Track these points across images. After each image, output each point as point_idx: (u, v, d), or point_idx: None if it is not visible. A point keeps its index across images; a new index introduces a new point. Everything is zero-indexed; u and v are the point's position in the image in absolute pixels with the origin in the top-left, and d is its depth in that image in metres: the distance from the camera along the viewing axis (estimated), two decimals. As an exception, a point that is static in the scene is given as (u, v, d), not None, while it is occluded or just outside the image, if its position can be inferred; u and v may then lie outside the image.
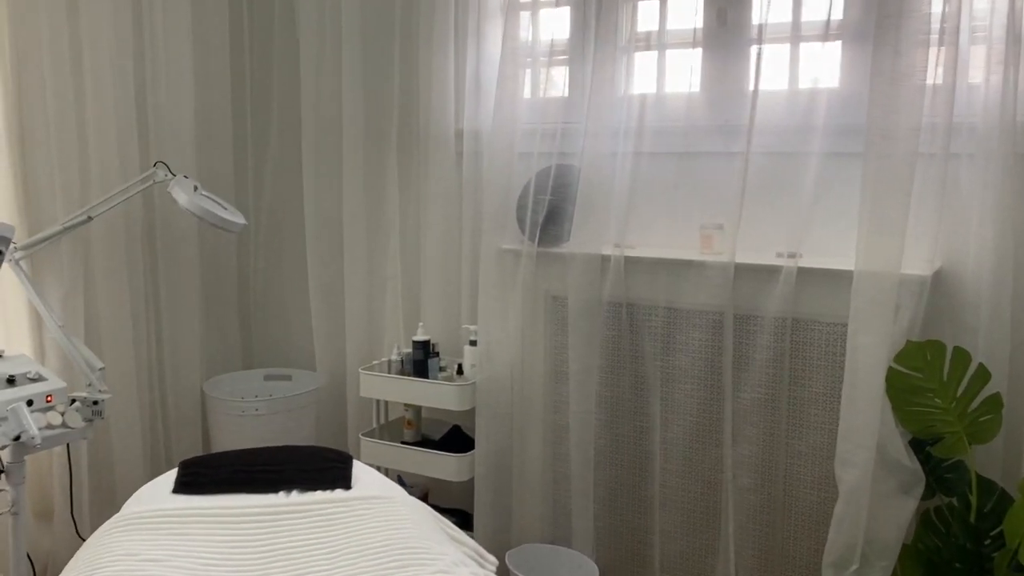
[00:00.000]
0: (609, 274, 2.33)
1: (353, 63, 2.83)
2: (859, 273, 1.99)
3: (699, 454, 2.28)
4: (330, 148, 2.95)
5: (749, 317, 2.18)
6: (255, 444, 2.84)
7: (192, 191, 2.43)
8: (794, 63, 2.23)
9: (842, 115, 2.18)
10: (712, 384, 2.25)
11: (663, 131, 2.38)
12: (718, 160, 2.36)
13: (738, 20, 2.36)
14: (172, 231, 2.86)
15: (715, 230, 2.31)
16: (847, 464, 2.00)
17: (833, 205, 2.21)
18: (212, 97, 3.00)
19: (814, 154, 2.16)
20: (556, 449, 2.49)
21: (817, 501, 2.15)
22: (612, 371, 2.38)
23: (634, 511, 2.40)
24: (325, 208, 2.99)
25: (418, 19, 2.71)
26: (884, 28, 1.97)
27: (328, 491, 1.76)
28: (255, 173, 3.19)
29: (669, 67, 2.37)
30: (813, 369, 2.13)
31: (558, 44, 2.53)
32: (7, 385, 2.13)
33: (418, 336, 2.68)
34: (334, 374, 3.05)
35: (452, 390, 2.52)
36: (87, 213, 2.39)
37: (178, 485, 1.76)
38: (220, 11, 2.99)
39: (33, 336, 2.48)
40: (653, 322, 2.31)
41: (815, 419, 2.14)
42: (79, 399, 2.26)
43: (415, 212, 2.85)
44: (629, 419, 2.38)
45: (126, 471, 2.73)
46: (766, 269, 2.15)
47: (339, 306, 3.00)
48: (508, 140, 2.50)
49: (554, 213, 2.42)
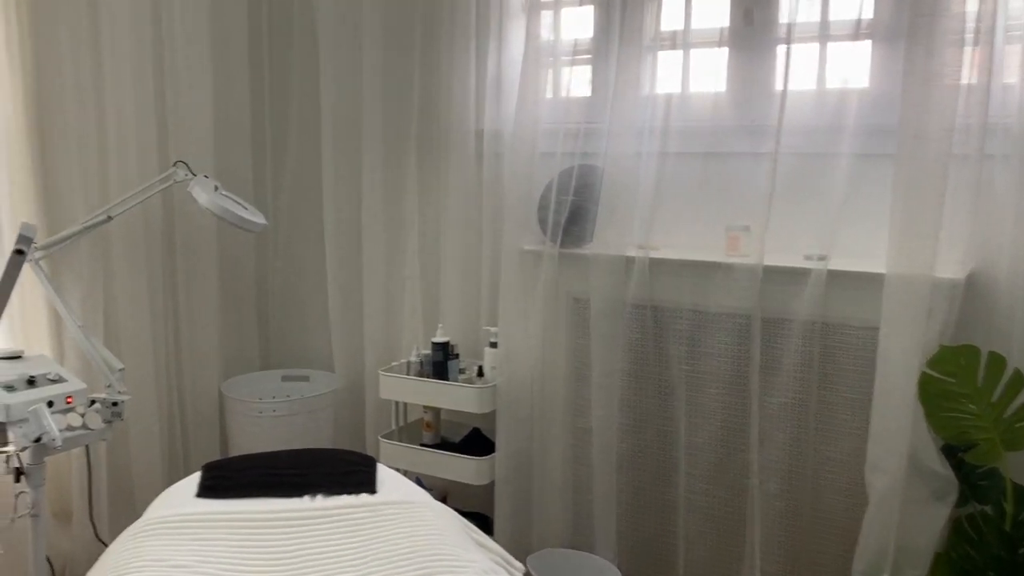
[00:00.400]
0: (633, 276, 2.30)
1: (373, 62, 2.80)
2: (890, 276, 1.96)
3: (725, 459, 2.25)
4: (349, 148, 2.93)
5: (777, 320, 2.15)
6: (273, 445, 2.82)
7: (212, 191, 2.41)
8: (822, 63, 2.20)
9: (872, 115, 2.14)
10: (739, 388, 2.22)
11: (688, 131, 2.35)
12: (744, 161, 2.33)
13: (765, 19, 2.32)
14: (191, 231, 2.84)
15: (741, 232, 2.28)
16: (878, 470, 1.97)
17: (863, 207, 2.18)
18: (231, 96, 2.98)
19: (843, 155, 2.12)
20: (578, 453, 2.46)
21: (846, 507, 2.12)
22: (636, 375, 2.35)
23: (658, 516, 2.37)
24: (344, 208, 2.97)
25: (439, 18, 2.69)
26: (917, 27, 1.94)
27: (353, 495, 1.73)
28: (274, 173, 3.17)
29: (695, 67, 2.34)
30: (843, 373, 2.10)
31: (581, 43, 2.50)
32: (28, 386, 2.11)
33: (437, 337, 2.65)
34: (352, 375, 3.03)
35: (472, 392, 2.49)
36: (107, 213, 2.37)
37: (202, 489, 1.73)
38: (239, 9, 2.97)
39: (52, 336, 2.47)
40: (679, 325, 2.28)
41: (844, 424, 2.11)
42: (98, 400, 2.24)
43: (434, 212, 2.82)
44: (653, 423, 2.35)
45: (144, 472, 2.71)
46: (795, 272, 2.11)
47: (357, 307, 2.98)
48: (530, 140, 2.47)
49: (577, 213, 2.40)
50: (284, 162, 3.17)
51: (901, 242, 1.95)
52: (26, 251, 1.89)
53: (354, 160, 2.92)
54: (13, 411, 2.02)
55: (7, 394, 2.04)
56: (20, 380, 2.11)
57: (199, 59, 2.79)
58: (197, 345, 2.89)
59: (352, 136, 2.91)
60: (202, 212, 2.82)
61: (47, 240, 2.32)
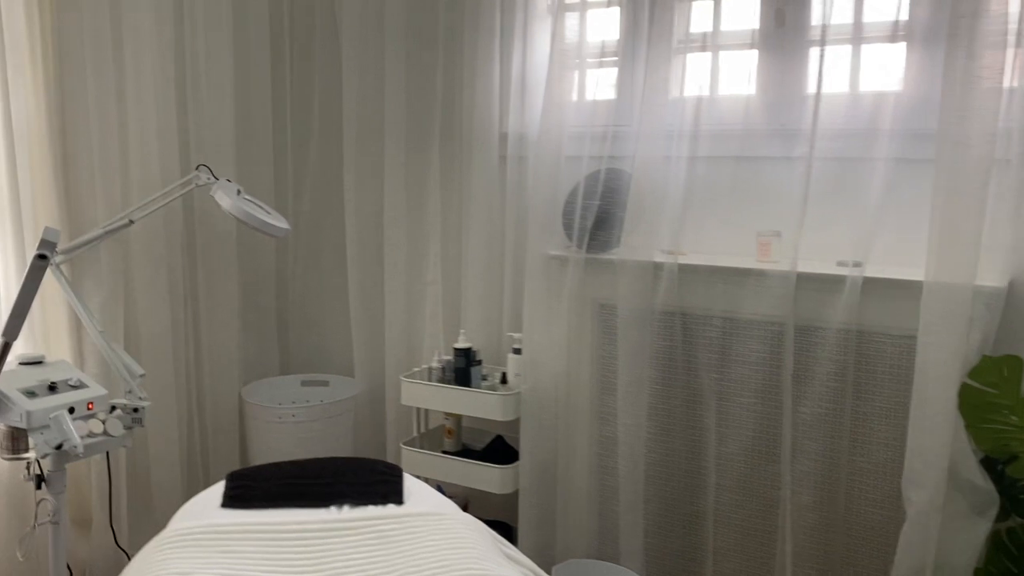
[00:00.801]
0: (662, 282, 2.26)
1: (395, 65, 2.77)
2: (929, 284, 1.91)
3: (756, 470, 2.20)
4: (371, 151, 2.90)
5: (810, 328, 2.10)
6: (292, 451, 2.79)
7: (235, 195, 2.38)
8: (855, 65, 2.16)
9: (907, 119, 2.08)
10: (771, 397, 2.17)
11: (718, 135, 2.30)
12: (775, 165, 2.28)
13: (797, 20, 2.28)
14: (211, 235, 2.81)
15: (773, 237, 2.23)
16: (916, 484, 1.92)
17: (899, 213, 2.12)
18: (253, 100, 2.96)
19: (878, 160, 2.07)
20: (604, 462, 2.42)
21: (881, 520, 2.07)
22: (664, 383, 2.31)
23: (686, 528, 2.33)
24: (365, 212, 2.93)
25: (462, 20, 2.65)
26: (956, 29, 1.89)
27: (380, 506, 1.70)
28: (295, 177, 3.14)
29: (725, 69, 2.30)
30: (878, 383, 2.05)
31: (608, 45, 2.45)
32: (49, 392, 2.09)
33: (460, 343, 2.62)
34: (372, 380, 2.99)
35: (496, 399, 2.45)
36: (128, 217, 2.35)
37: (226, 499, 1.70)
38: (260, 13, 2.94)
39: (72, 341, 2.45)
40: (709, 332, 2.23)
41: (880, 435, 2.05)
42: (119, 406, 2.22)
43: (457, 216, 2.79)
44: (682, 433, 2.30)
45: (163, 479, 2.68)
46: (830, 278, 2.07)
47: (378, 311, 2.95)
48: (556, 144, 2.43)
49: (603, 218, 2.35)
50: (305, 166, 3.14)
51: (941, 249, 1.90)
52: (49, 256, 1.86)
53: (376, 163, 2.89)
54: (34, 418, 2.00)
55: (28, 400, 2.02)
56: (41, 386, 2.09)
57: (221, 62, 2.77)
58: (217, 350, 2.86)
59: (374, 139, 2.88)
60: (223, 216, 2.80)
61: (68, 244, 2.30)
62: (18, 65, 2.28)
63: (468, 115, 2.68)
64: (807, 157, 2.10)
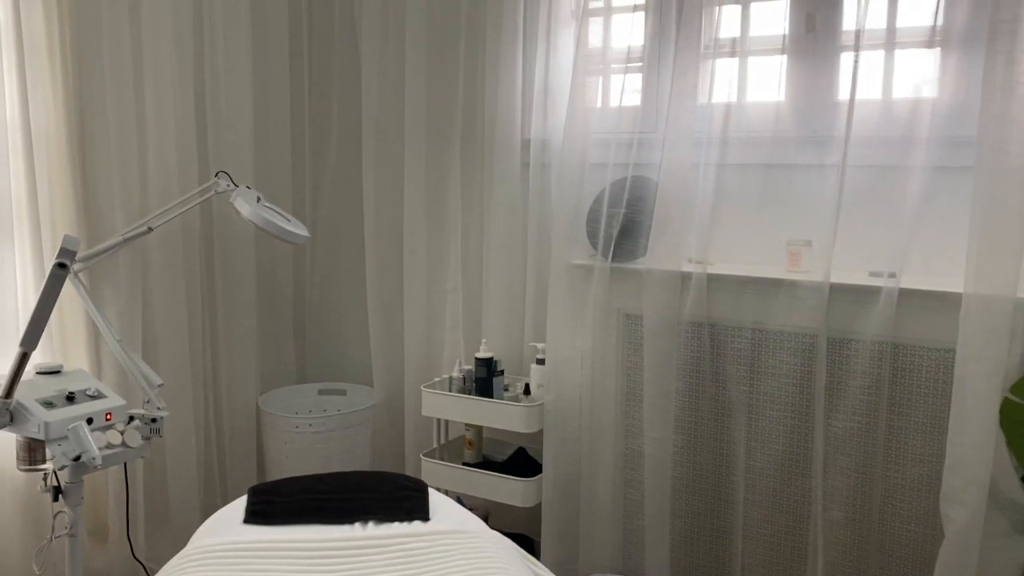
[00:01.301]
0: (690, 292, 2.21)
1: (416, 72, 2.74)
2: (968, 296, 1.86)
3: (786, 485, 2.15)
4: (391, 158, 2.86)
5: (843, 340, 2.05)
6: (310, 461, 2.75)
7: (255, 202, 2.35)
8: (888, 71, 2.11)
9: (943, 126, 2.02)
10: (802, 411, 2.11)
11: (746, 142, 2.26)
12: (805, 173, 2.23)
13: (828, 25, 2.23)
14: (229, 243, 2.78)
15: (803, 247, 2.18)
16: (955, 502, 1.86)
17: (935, 222, 2.07)
18: (271, 107, 2.92)
19: (913, 167, 2.02)
20: (629, 476, 2.37)
21: (917, 538, 2.01)
22: (692, 395, 2.26)
23: (714, 543, 2.27)
24: (385, 219, 2.90)
25: (484, 26, 2.62)
26: (996, 34, 1.84)
27: (406, 523, 1.66)
28: (313, 184, 3.11)
29: (754, 75, 2.25)
30: (914, 397, 1.99)
31: (633, 51, 2.41)
32: (67, 402, 2.05)
33: (481, 353, 2.57)
34: (391, 390, 2.95)
35: (520, 411, 2.41)
36: (147, 224, 2.32)
37: (249, 515, 1.66)
38: (279, 20, 2.91)
39: (90, 350, 2.41)
40: (738, 344, 2.18)
41: (916, 450, 2.00)
42: (137, 416, 2.18)
43: (478, 224, 2.74)
44: (710, 446, 2.25)
45: (180, 489, 2.65)
46: (864, 290, 2.01)
47: (397, 320, 2.91)
48: (580, 151, 2.39)
49: (629, 227, 2.31)
50: (323, 172, 3.11)
51: (980, 259, 1.84)
52: (68, 265, 1.83)
53: (396, 170, 2.85)
54: (52, 429, 1.96)
55: (46, 411, 1.99)
56: (59, 396, 2.06)
57: (240, 66, 2.74)
58: (234, 359, 2.83)
59: (394, 145, 2.85)
60: (241, 223, 2.78)
61: (87, 252, 2.27)
62: (37, 69, 2.25)
63: (490, 121, 2.64)
64: (839, 165, 2.05)
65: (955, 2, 1.99)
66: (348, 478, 1.80)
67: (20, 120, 2.24)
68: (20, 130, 2.25)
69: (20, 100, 2.24)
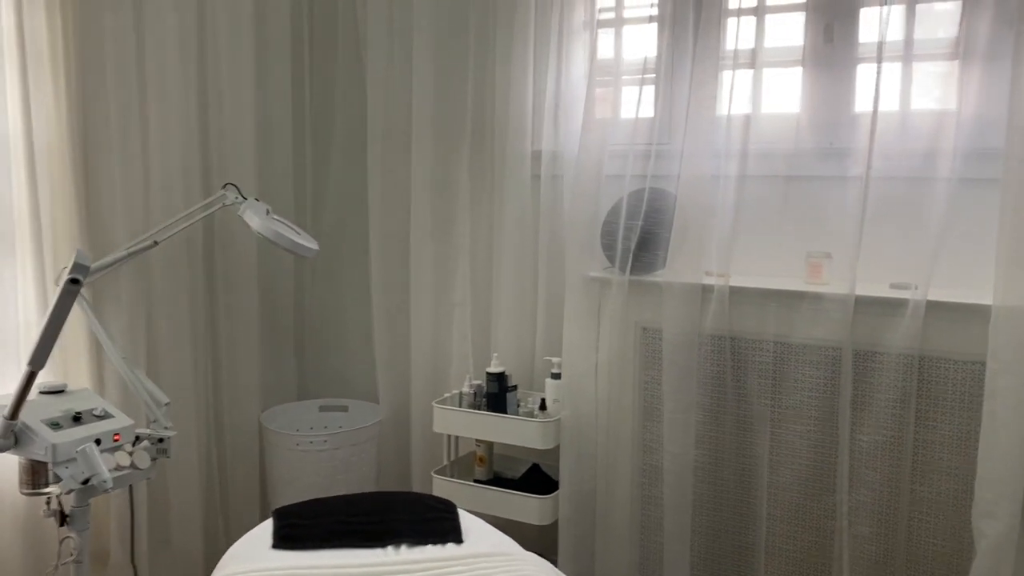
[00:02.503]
0: (712, 305, 2.19)
1: (423, 81, 2.69)
2: (998, 308, 1.85)
3: (811, 500, 2.13)
4: (398, 169, 2.81)
5: (868, 353, 2.03)
6: (315, 480, 2.69)
7: (264, 214, 2.29)
8: (906, 83, 2.10)
9: (963, 138, 2.00)
10: (827, 425, 2.09)
11: (765, 154, 2.24)
12: (824, 184, 2.22)
13: (845, 37, 2.22)
14: (231, 256, 2.71)
15: (823, 259, 2.17)
16: (989, 516, 1.85)
17: (957, 234, 2.05)
18: (273, 116, 2.86)
19: (937, 179, 2.01)
20: (647, 492, 2.33)
21: (946, 553, 1.99)
22: (713, 409, 2.23)
23: (736, 560, 2.24)
24: (391, 231, 2.84)
25: (494, 36, 2.58)
26: (1022, 45, 1.84)
27: (439, 545, 1.61)
28: (314, 195, 3.05)
29: (771, 87, 2.24)
30: (942, 409, 1.97)
31: (649, 62, 2.38)
32: (73, 423, 1.98)
33: (493, 368, 2.53)
34: (397, 406, 2.89)
35: (536, 427, 2.36)
36: (152, 238, 2.25)
37: (278, 539, 1.60)
38: (281, 29, 2.85)
39: (92, 368, 2.33)
40: (761, 357, 2.15)
41: (944, 464, 1.98)
42: (143, 436, 2.11)
43: (487, 236, 2.70)
44: (732, 461, 2.22)
45: (182, 511, 2.57)
46: (890, 302, 2.00)
47: (403, 334, 2.85)
48: (596, 162, 2.36)
49: (647, 239, 2.28)
50: (325, 183, 3.05)
51: (1009, 272, 1.84)
52: (82, 280, 1.76)
53: (402, 181, 2.80)
54: (60, 451, 1.89)
55: (53, 432, 1.91)
56: (66, 417, 1.98)
57: (243, 77, 2.68)
58: (236, 375, 2.75)
59: (401, 156, 2.79)
60: (243, 236, 2.71)
61: (91, 266, 2.19)
62: (40, 81, 2.18)
63: (500, 131, 2.60)
64: (863, 176, 2.04)
65: (977, 14, 1.99)
66: (374, 499, 1.74)
67: (23, 132, 2.17)
68: (23, 142, 2.17)
69: (23, 112, 2.17)
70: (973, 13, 1.99)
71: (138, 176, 2.39)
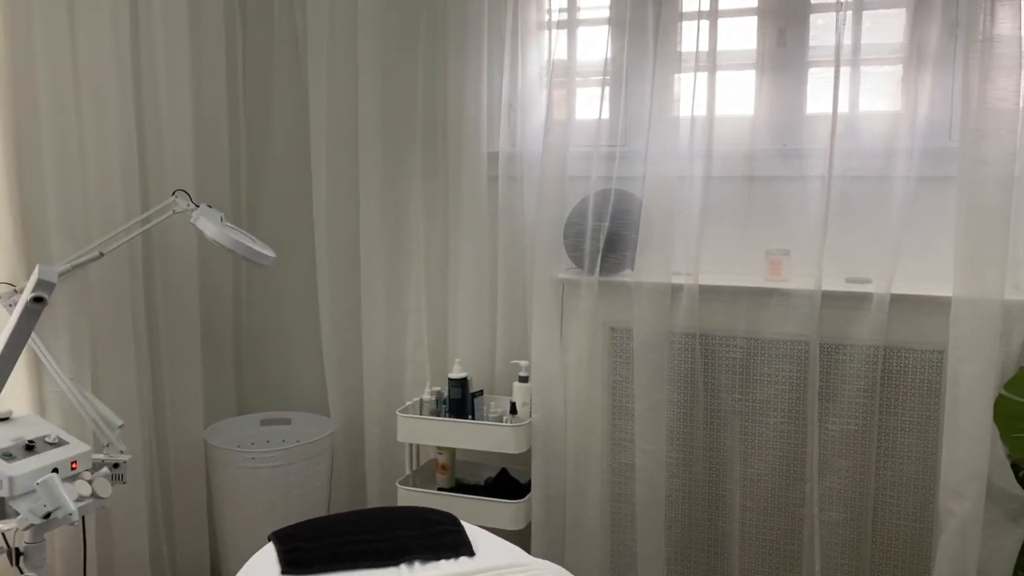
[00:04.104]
0: (682, 303, 2.22)
1: (370, 81, 2.61)
2: (958, 300, 1.96)
3: (783, 489, 2.20)
4: (344, 171, 2.71)
5: (834, 346, 2.12)
6: (269, 498, 2.58)
7: (219, 222, 2.17)
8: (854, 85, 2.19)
9: (919, 139, 2.08)
10: (796, 416, 2.16)
11: (725, 155, 2.29)
12: (783, 184, 2.29)
13: (798, 41, 2.30)
14: (171, 266, 2.56)
15: (783, 256, 2.24)
16: (957, 495, 1.96)
17: (909, 229, 2.14)
18: (207, 116, 2.71)
19: (893, 178, 2.11)
20: (619, 491, 2.35)
21: (911, 532, 2.10)
22: (684, 406, 2.27)
23: (711, 553, 2.29)
24: (338, 236, 2.74)
25: (445, 35, 2.53)
26: (972, 53, 1.96)
27: (452, 560, 1.57)
28: (249, 199, 2.90)
29: (727, 89, 2.29)
30: (905, 397, 2.08)
31: (608, 64, 2.39)
32: (27, 452, 1.82)
33: (455, 373, 2.49)
34: (349, 417, 2.80)
35: (509, 432, 2.34)
36: (98, 249, 2.09)
37: (285, 564, 1.52)
38: (215, 26, 2.71)
39: (32, 390, 2.15)
40: (731, 354, 2.21)
41: (907, 448, 2.09)
42: (96, 462, 1.97)
43: (442, 239, 2.65)
44: (704, 456, 2.27)
45: (127, 538, 2.40)
46: (855, 296, 2.09)
47: (355, 342, 2.76)
48: (560, 163, 2.36)
49: (614, 240, 2.30)
50: (263, 187, 2.91)
51: (967, 265, 1.95)
52: (46, 299, 1.61)
53: (349, 183, 2.71)
54: (18, 484, 1.73)
55: (7, 464, 1.76)
56: (17, 446, 1.83)
57: (179, 76, 2.53)
58: (179, 391, 2.60)
59: (347, 158, 2.70)
60: (184, 244, 2.57)
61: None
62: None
63: (455, 132, 2.56)
64: (822, 176, 2.13)
65: (925, 22, 2.09)
66: (373, 516, 1.69)
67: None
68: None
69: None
70: (920, 20, 2.10)
71: (76, 183, 2.22)
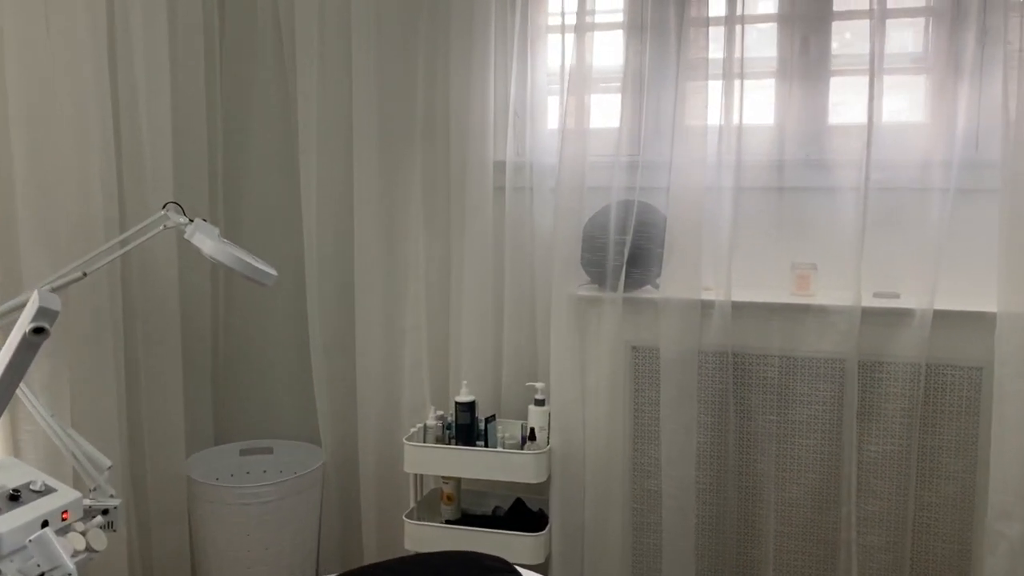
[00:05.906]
0: (713, 320, 2.12)
1: (365, 85, 2.44)
2: (1003, 315, 1.91)
3: (819, 513, 2.11)
4: (336, 180, 2.53)
5: (873, 364, 2.04)
6: (259, 536, 2.38)
7: (216, 237, 1.97)
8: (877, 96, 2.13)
9: (956, 150, 2.02)
10: (834, 437, 2.08)
11: (752, 165, 2.20)
12: (811, 196, 2.22)
13: (822, 50, 2.24)
14: (150, 286, 2.33)
15: (810, 270, 2.17)
16: (1006, 517, 1.90)
17: (945, 243, 2.08)
18: (186, 123, 2.49)
19: (933, 190, 2.05)
20: (642, 519, 2.23)
21: (950, 555, 2.04)
22: (715, 428, 2.16)
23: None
24: (329, 250, 2.56)
25: (447, 39, 2.38)
26: (1011, 62, 1.92)
27: (516, 610, 1.42)
28: (227, 212, 2.69)
29: (751, 98, 2.21)
30: (946, 416, 2.02)
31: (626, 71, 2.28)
32: (11, 503, 1.59)
33: (462, 396, 2.34)
34: (340, 444, 2.61)
35: (529, 460, 2.20)
36: (82, 269, 1.87)
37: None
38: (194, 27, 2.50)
39: (4, 430, 1.91)
40: (766, 373, 2.12)
41: (947, 468, 2.02)
42: (91, 510, 1.75)
43: (443, 253, 2.49)
44: (735, 480, 2.17)
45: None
46: (895, 312, 2.02)
47: (348, 365, 2.57)
48: (578, 175, 2.24)
49: (636, 255, 2.19)
50: (240, 198, 2.69)
51: (1012, 280, 1.90)
52: (48, 329, 1.40)
53: (343, 194, 2.53)
54: (6, 541, 1.51)
55: (-8, 519, 1.52)
56: (1, 497, 1.59)
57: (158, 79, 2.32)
58: (158, 425, 2.37)
59: (340, 167, 2.52)
60: (164, 262, 2.35)
61: (6, 306, 1.79)
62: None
63: (458, 140, 2.40)
64: (856, 187, 2.06)
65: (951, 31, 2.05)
66: (424, 564, 1.52)
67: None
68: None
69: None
70: (945, 28, 2.06)
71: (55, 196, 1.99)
